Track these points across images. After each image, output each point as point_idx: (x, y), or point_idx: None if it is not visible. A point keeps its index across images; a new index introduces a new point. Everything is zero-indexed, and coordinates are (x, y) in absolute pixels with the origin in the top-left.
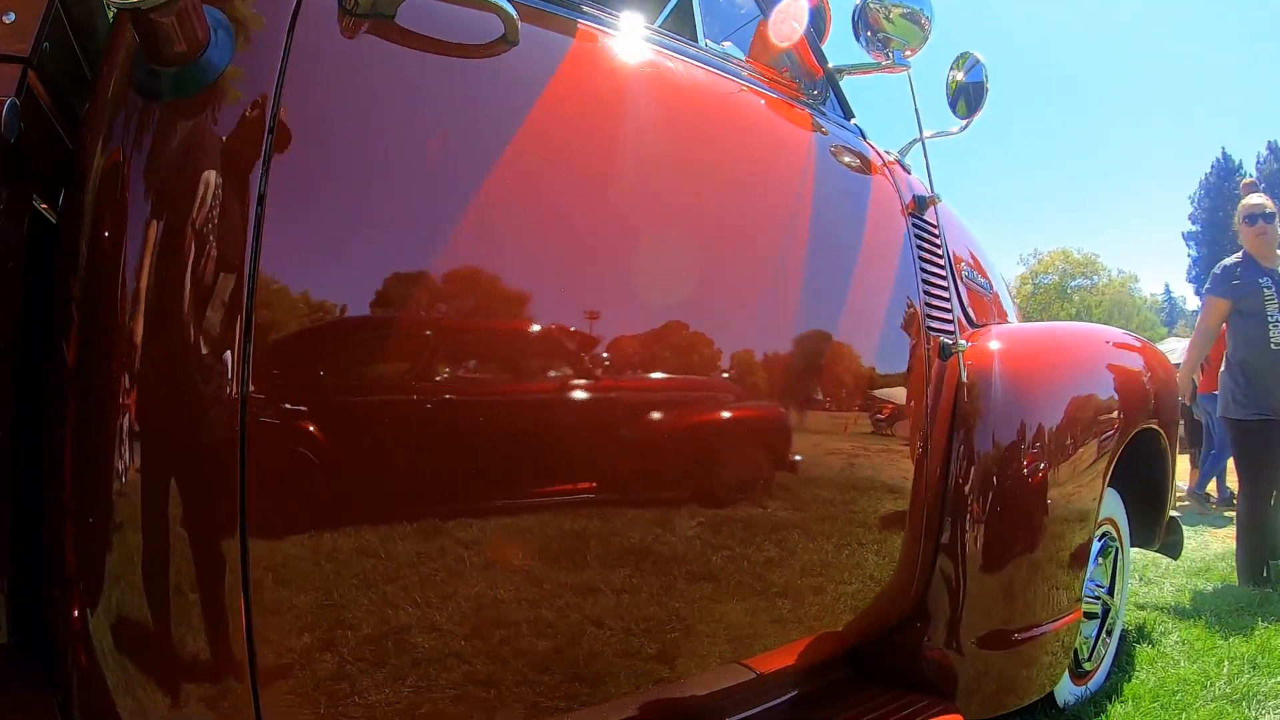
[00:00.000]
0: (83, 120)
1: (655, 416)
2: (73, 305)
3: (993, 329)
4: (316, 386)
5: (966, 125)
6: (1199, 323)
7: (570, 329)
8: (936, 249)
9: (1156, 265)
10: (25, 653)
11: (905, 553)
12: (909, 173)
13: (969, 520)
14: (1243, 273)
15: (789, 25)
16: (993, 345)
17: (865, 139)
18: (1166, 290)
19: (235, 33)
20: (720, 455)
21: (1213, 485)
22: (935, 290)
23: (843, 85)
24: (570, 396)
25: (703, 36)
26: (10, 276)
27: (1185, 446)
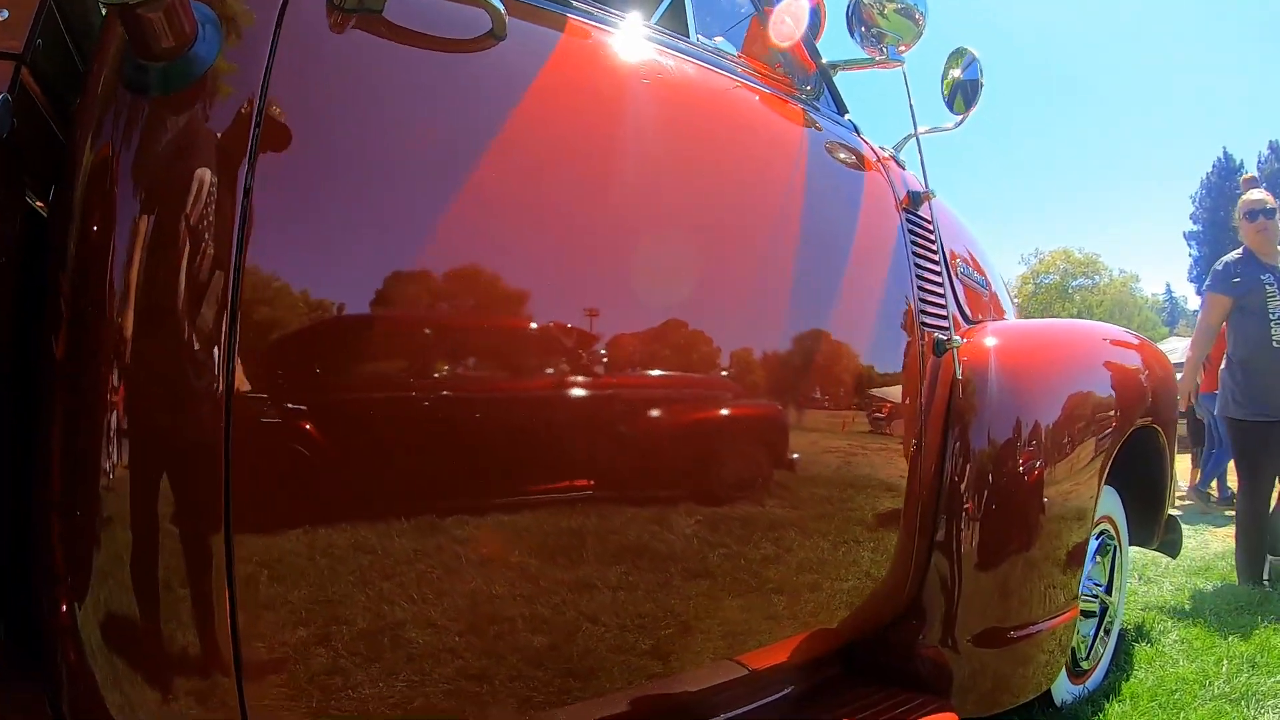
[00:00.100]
0: (74, 116)
1: (644, 412)
2: (61, 300)
3: (988, 325)
4: (302, 382)
5: (962, 121)
6: (1200, 320)
7: (560, 325)
8: (931, 244)
9: (1158, 265)
10: (18, 648)
11: (899, 550)
12: (903, 168)
13: (964, 518)
14: (1244, 269)
15: (789, 25)
16: (988, 342)
17: (859, 134)
18: (1168, 290)
19: (223, 28)
20: (710, 451)
21: (1213, 484)
22: (929, 286)
23: (837, 81)
24: (555, 393)
25: (695, 32)
26: (3, 273)
27: (1187, 446)
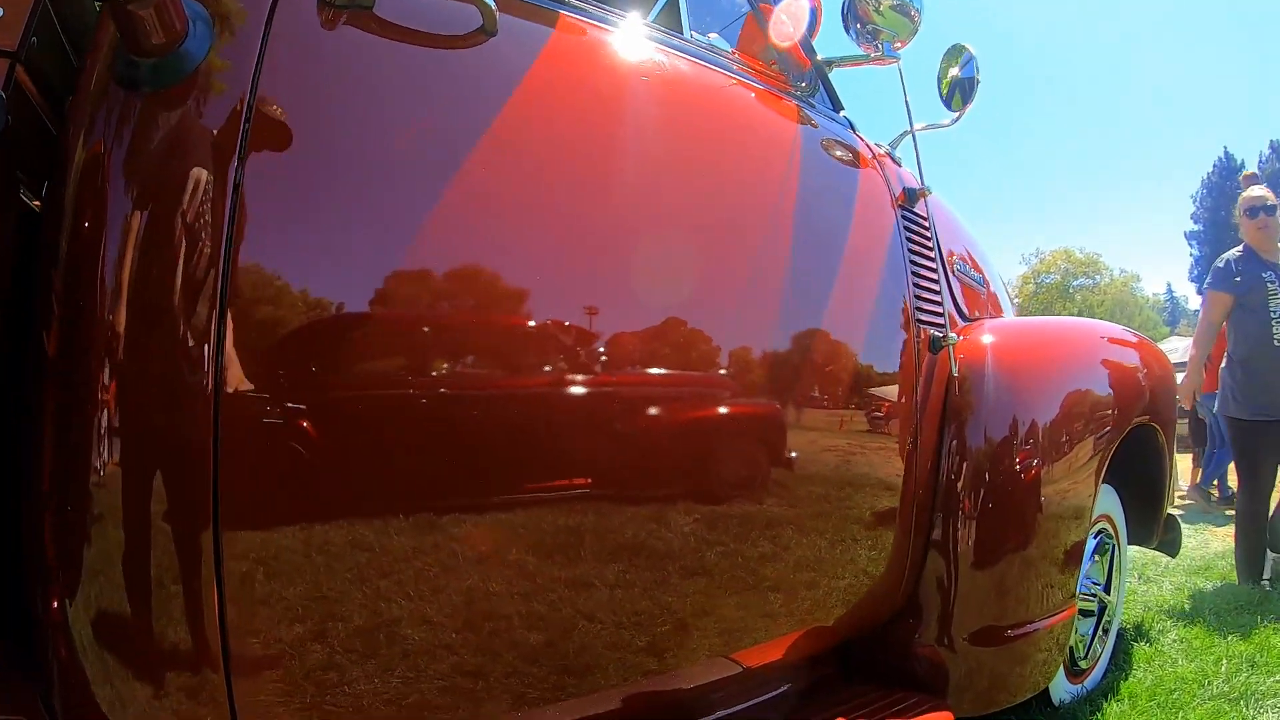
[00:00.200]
0: (67, 112)
1: (635, 409)
2: (53, 297)
3: (985, 323)
4: (291, 379)
5: (958, 118)
6: (1202, 318)
7: (552, 322)
8: (927, 241)
9: (1159, 265)
10: (11, 643)
11: (895, 548)
12: (899, 165)
13: (960, 516)
14: (1245, 267)
15: (789, 26)
16: (985, 339)
17: (854, 131)
18: (1169, 290)
19: (214, 25)
20: (701, 448)
21: (1214, 483)
22: (925, 283)
23: (832, 77)
24: (542, 390)
25: (689, 29)
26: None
27: (1188, 445)
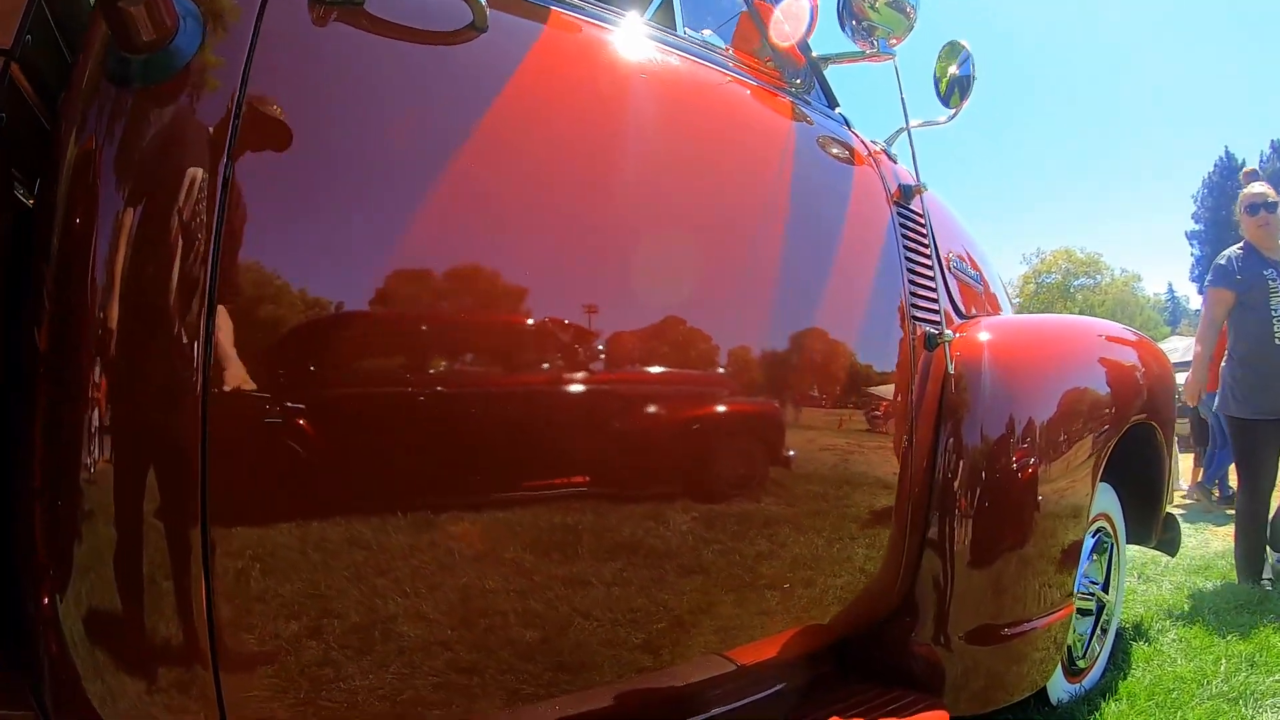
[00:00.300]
0: (60, 108)
1: (625, 406)
2: (44, 293)
3: (982, 321)
4: (280, 376)
5: (955, 115)
6: (1204, 316)
7: (544, 319)
8: (922, 238)
9: (1160, 264)
10: (3, 638)
11: (890, 547)
12: (895, 162)
13: (956, 514)
14: (1246, 264)
15: (789, 27)
16: (981, 336)
17: (850, 128)
18: (1170, 289)
19: (204, 21)
20: (695, 445)
21: (1214, 482)
22: (921, 280)
23: (827, 74)
24: (534, 388)
25: (682, 26)
26: None
27: (1190, 445)
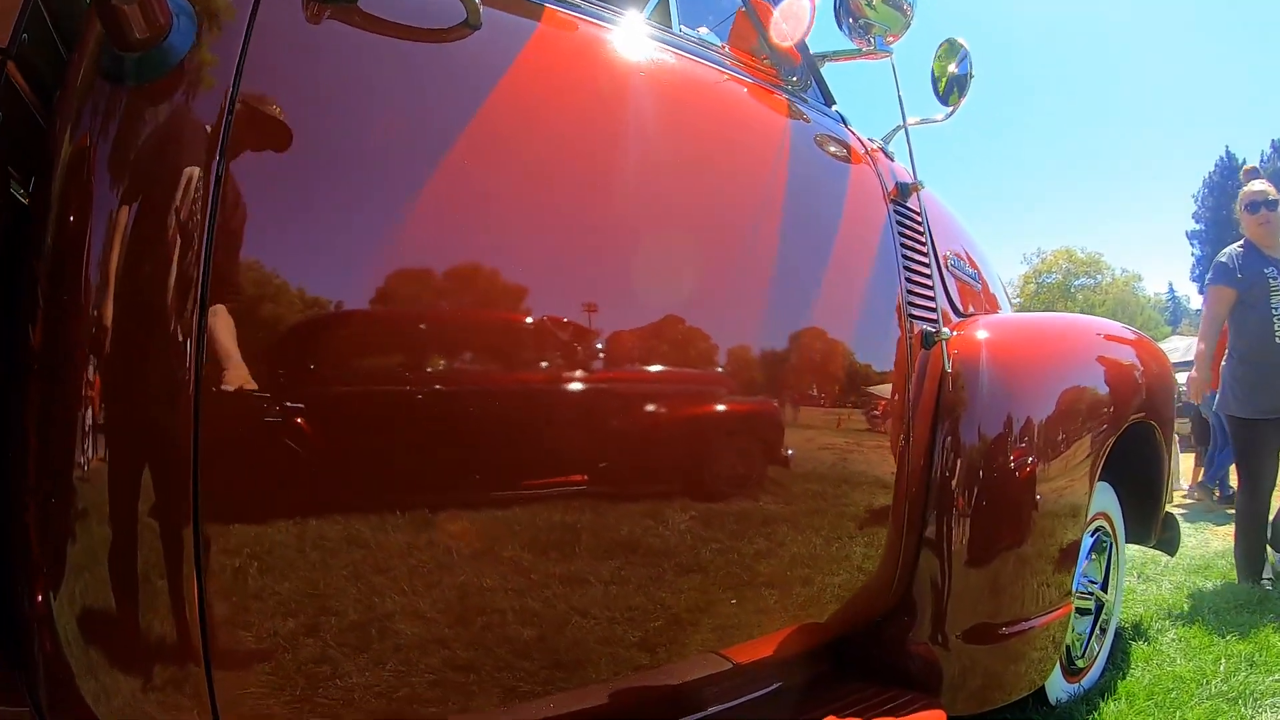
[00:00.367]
0: (55, 106)
1: (618, 403)
2: (38, 290)
3: (979, 319)
4: (271, 373)
5: (952, 113)
6: (1206, 313)
7: (538, 318)
8: (919, 236)
9: (1160, 264)
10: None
11: (887, 545)
12: (892, 160)
13: (954, 513)
14: (1246, 262)
15: (790, 27)
16: (979, 335)
17: (846, 125)
18: (1170, 289)
19: (197, 18)
20: (689, 443)
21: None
22: (918, 278)
23: (825, 72)
24: (526, 386)
25: (678, 23)
26: None
27: (1191, 444)
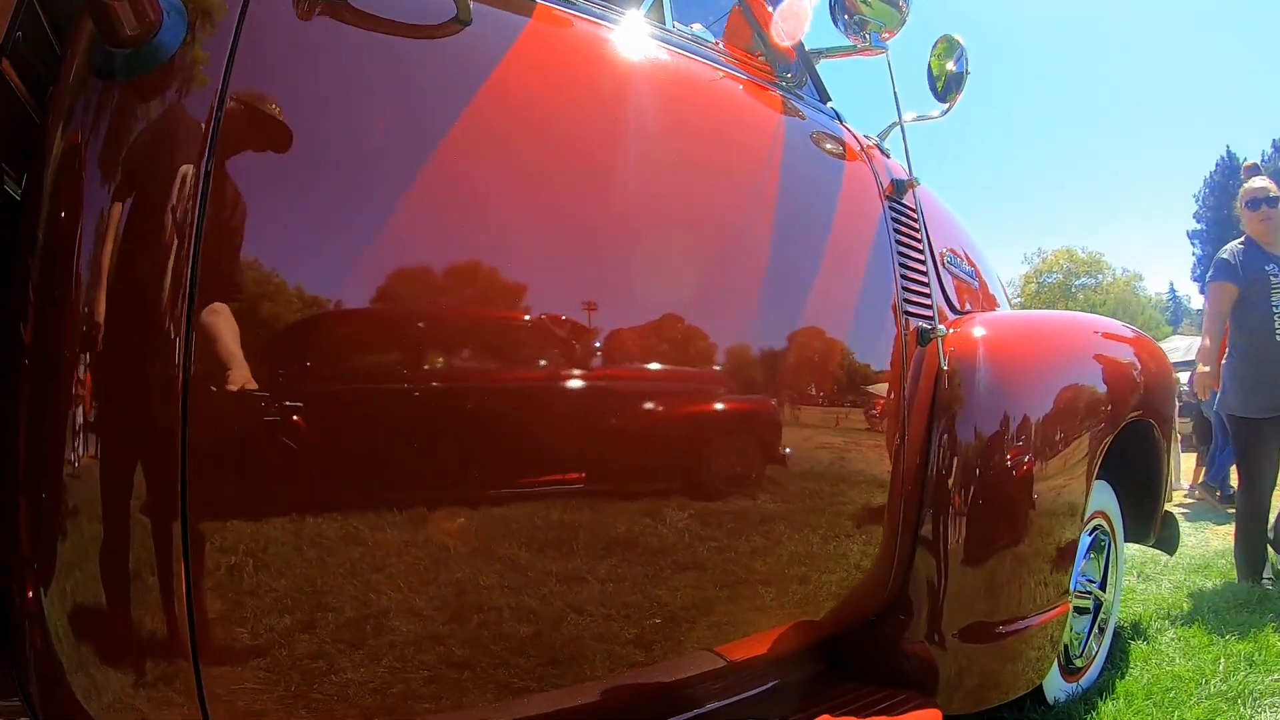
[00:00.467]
0: (47, 103)
1: (610, 400)
2: (29, 286)
3: (976, 316)
4: (260, 369)
5: (948, 110)
6: (1210, 309)
7: (531, 314)
8: (915, 233)
9: (1161, 264)
10: None
11: (881, 543)
12: (888, 156)
13: (950, 511)
14: (1247, 259)
15: (790, 27)
16: (975, 332)
17: (842, 122)
18: (1171, 289)
19: (188, 14)
20: (681, 441)
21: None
22: (913, 274)
23: (820, 68)
24: (519, 384)
25: (671, 20)
26: None
27: (1194, 444)
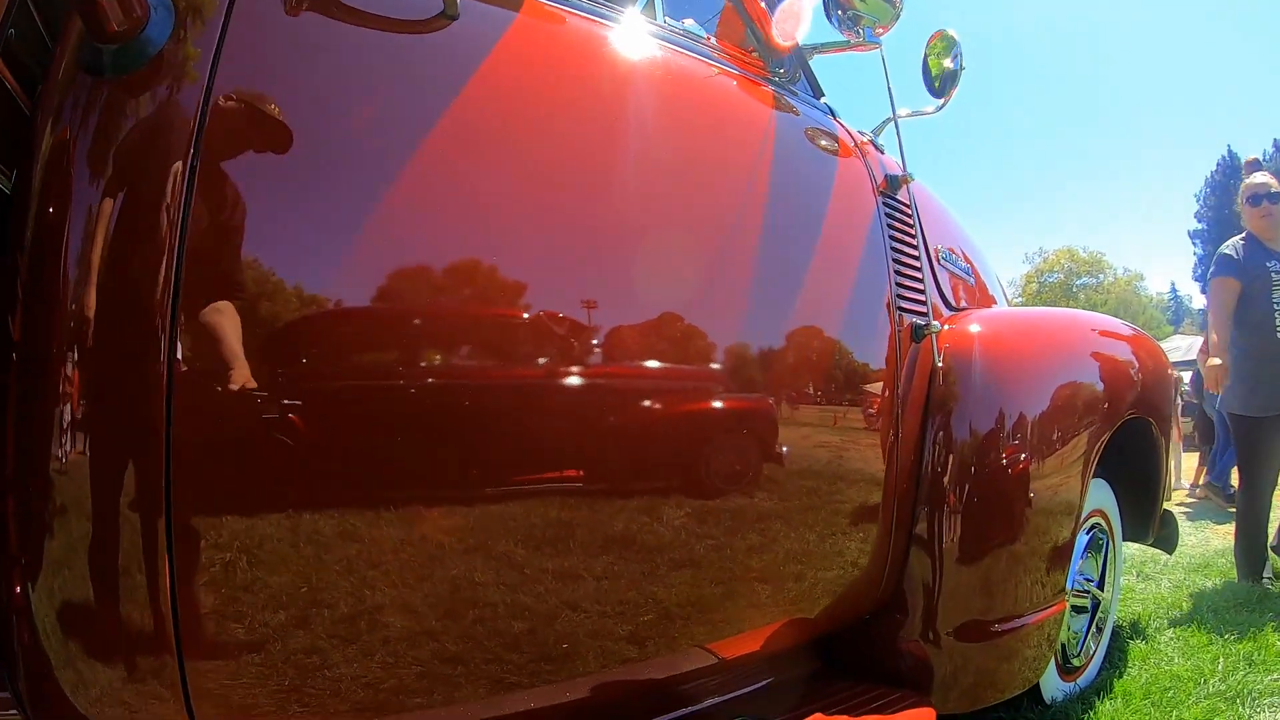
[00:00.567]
0: (38, 99)
1: (604, 399)
2: (18, 282)
3: (971, 313)
4: (247, 366)
5: (943, 105)
6: (1215, 306)
7: (525, 312)
8: (909, 229)
9: (1162, 263)
10: None
11: (875, 541)
12: (882, 152)
13: (945, 509)
14: (1248, 255)
15: (790, 26)
16: (971, 329)
17: (835, 118)
18: (1172, 289)
19: (175, 10)
20: (674, 439)
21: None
22: (907, 271)
23: (814, 64)
24: (514, 382)
25: (662, 14)
26: None
27: (1196, 444)
